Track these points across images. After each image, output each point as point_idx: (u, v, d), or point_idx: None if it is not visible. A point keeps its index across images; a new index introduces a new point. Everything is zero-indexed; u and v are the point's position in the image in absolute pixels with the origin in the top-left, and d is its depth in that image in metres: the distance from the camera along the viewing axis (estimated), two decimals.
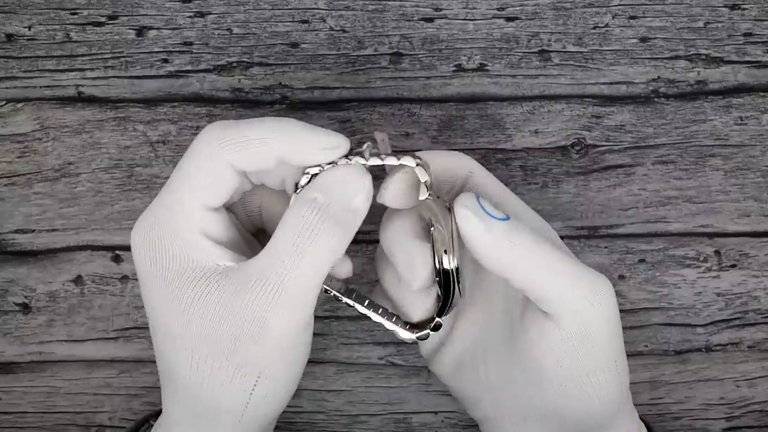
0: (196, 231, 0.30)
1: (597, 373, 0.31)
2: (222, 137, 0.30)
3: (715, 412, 0.42)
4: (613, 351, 0.31)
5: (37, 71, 0.42)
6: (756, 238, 0.42)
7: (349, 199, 0.30)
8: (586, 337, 0.30)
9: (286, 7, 0.42)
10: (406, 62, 0.42)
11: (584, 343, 0.30)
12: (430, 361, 0.37)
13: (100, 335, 0.42)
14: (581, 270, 0.30)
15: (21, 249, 0.42)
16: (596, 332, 0.30)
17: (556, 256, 0.30)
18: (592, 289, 0.30)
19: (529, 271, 0.30)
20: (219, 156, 0.30)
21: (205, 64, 0.42)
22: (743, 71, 0.42)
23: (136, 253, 0.31)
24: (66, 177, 0.42)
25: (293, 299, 0.29)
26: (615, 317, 0.31)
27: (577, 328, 0.30)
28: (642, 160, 0.42)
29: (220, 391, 0.30)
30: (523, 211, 0.33)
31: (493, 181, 0.34)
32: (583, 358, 0.30)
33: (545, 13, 0.42)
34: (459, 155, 0.34)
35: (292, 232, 0.29)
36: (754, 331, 0.42)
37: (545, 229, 0.33)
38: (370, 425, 0.42)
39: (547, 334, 0.30)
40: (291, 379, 0.31)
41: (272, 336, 0.29)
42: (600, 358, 0.31)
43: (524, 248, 0.30)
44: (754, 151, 0.42)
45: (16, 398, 0.42)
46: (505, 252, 0.29)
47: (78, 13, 0.42)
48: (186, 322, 0.30)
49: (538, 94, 0.42)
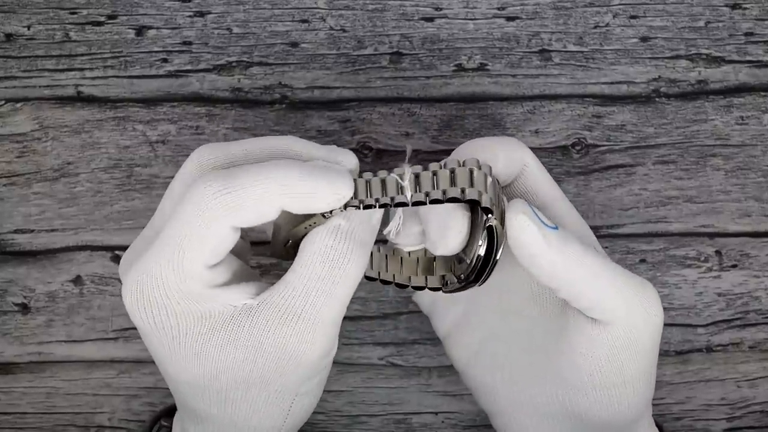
0: (199, 286, 0.28)
1: (634, 382, 0.30)
2: (218, 194, 0.27)
3: (716, 413, 0.42)
4: (654, 359, 0.31)
5: (37, 71, 0.42)
6: (757, 238, 0.42)
7: (368, 218, 0.29)
8: (632, 344, 0.30)
9: (286, 6, 0.42)
10: (406, 62, 0.42)
11: (629, 349, 0.30)
12: (447, 343, 0.36)
13: (100, 335, 0.42)
14: (629, 277, 0.30)
15: (20, 249, 0.42)
16: (643, 340, 0.30)
17: (603, 264, 0.29)
18: (643, 297, 0.30)
19: (579, 281, 0.29)
20: (217, 220, 0.27)
21: (204, 64, 0.42)
22: (744, 71, 0.42)
23: (135, 316, 0.29)
24: (65, 177, 0.42)
25: (328, 327, 0.29)
26: (661, 326, 0.30)
27: (626, 335, 0.29)
28: (643, 159, 0.42)
29: (258, 417, 0.31)
30: (569, 213, 0.32)
31: (546, 176, 0.33)
32: (625, 365, 0.30)
33: (546, 13, 0.42)
34: (514, 144, 0.32)
35: (321, 262, 0.28)
36: (755, 331, 0.42)
37: (588, 234, 0.33)
38: (370, 426, 0.42)
39: (592, 338, 0.30)
40: (322, 383, 0.32)
41: (308, 362, 0.29)
42: (641, 367, 0.30)
43: (574, 259, 0.29)
44: (755, 151, 0.42)
45: (16, 399, 0.42)
46: (557, 262, 0.29)
47: (77, 13, 0.42)
48: (215, 373, 0.29)
49: (538, 93, 0.42)
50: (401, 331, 0.42)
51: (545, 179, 0.33)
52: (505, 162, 0.31)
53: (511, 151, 0.31)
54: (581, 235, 0.32)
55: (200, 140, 0.42)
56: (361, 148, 0.41)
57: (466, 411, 0.42)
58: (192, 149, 0.41)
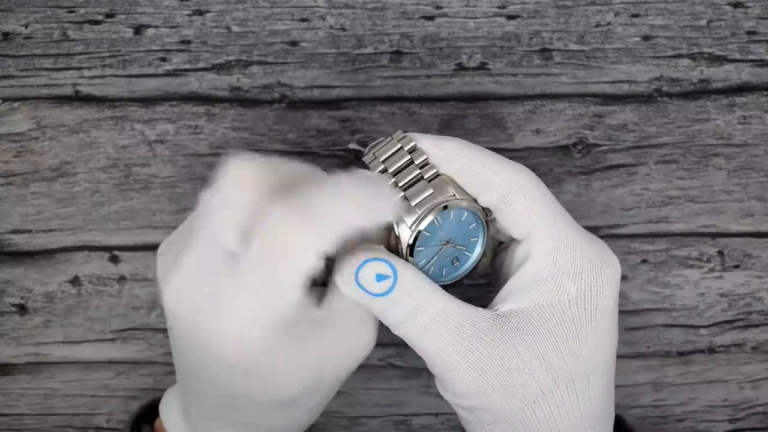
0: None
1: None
2: (317, 233, 0.28)
3: (719, 414, 0.42)
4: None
5: (34, 70, 0.42)
6: (759, 238, 0.42)
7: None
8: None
9: (286, 5, 0.42)
10: (407, 61, 0.42)
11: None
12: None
13: (98, 336, 0.42)
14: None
15: (17, 249, 0.42)
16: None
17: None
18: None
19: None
20: (316, 255, 0.27)
21: (203, 63, 0.42)
22: (747, 70, 0.42)
23: (177, 308, 0.29)
24: (63, 177, 0.42)
25: (369, 333, 0.31)
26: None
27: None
28: (644, 159, 0.42)
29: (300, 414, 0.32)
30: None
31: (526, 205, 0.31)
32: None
33: (547, 11, 0.42)
34: (448, 143, 0.32)
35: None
36: (757, 332, 0.42)
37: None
38: (370, 427, 0.42)
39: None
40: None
41: (352, 361, 0.31)
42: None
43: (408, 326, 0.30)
44: (758, 151, 0.42)
45: (13, 400, 0.42)
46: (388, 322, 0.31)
47: (75, 11, 0.42)
48: (268, 370, 0.29)
49: (539, 93, 0.42)
50: None
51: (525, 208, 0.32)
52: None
53: (447, 146, 0.32)
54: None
55: (199, 140, 0.41)
56: (361, 147, 0.41)
57: None
58: (191, 149, 0.41)
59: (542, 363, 0.29)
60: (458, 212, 0.31)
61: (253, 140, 0.42)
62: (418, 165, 0.30)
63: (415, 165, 0.31)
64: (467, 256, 0.32)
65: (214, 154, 0.42)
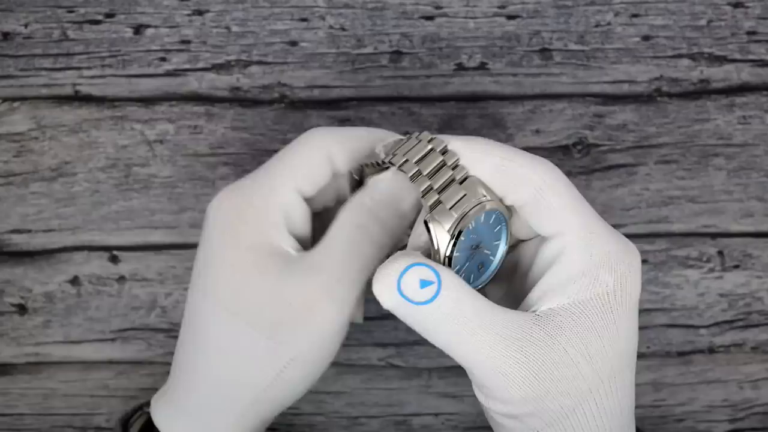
0: (280, 211, 0.31)
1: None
2: (328, 131, 0.32)
3: (719, 414, 0.42)
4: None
5: (34, 69, 0.42)
6: (759, 238, 0.42)
7: (397, 204, 0.31)
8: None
9: (286, 5, 0.42)
10: (406, 61, 0.42)
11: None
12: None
13: (98, 336, 0.42)
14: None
15: (17, 249, 0.42)
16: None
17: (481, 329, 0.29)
18: None
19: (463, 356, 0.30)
20: (322, 148, 0.32)
21: (203, 63, 0.42)
22: (747, 70, 0.42)
23: (214, 212, 0.32)
24: (63, 177, 0.42)
25: (341, 294, 0.30)
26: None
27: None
28: (644, 159, 0.42)
29: (250, 365, 0.31)
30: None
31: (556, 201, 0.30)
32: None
33: (546, 11, 0.42)
34: (531, 162, 0.30)
35: (345, 233, 0.31)
36: (757, 332, 0.42)
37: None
38: (370, 427, 0.42)
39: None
40: (314, 373, 0.32)
41: (316, 323, 0.30)
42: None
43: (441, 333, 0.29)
44: (758, 151, 0.42)
45: (13, 400, 0.42)
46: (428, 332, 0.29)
47: (75, 11, 0.42)
48: (238, 290, 0.30)
49: (539, 93, 0.42)
50: (401, 332, 0.42)
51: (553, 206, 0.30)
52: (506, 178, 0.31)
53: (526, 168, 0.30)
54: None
55: (198, 139, 0.41)
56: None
57: (466, 412, 0.42)
58: (190, 148, 0.41)
59: (587, 359, 0.28)
60: (488, 214, 0.29)
61: (253, 140, 0.42)
62: (450, 166, 0.29)
63: (447, 167, 0.29)
64: (491, 260, 0.31)
65: (214, 154, 0.42)
